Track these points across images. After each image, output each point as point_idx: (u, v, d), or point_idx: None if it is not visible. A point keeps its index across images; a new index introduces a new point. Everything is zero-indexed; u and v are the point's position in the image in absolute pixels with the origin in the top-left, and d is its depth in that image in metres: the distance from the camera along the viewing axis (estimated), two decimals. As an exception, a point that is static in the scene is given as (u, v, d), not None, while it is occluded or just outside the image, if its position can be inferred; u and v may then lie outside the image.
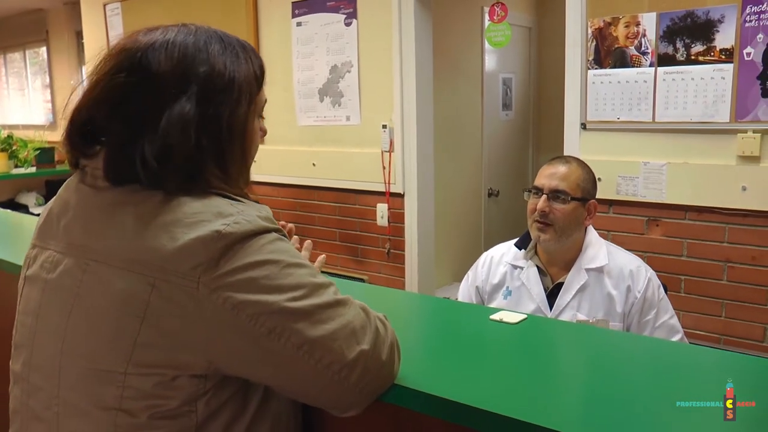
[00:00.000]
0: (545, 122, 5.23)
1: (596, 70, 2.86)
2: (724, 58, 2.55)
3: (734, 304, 2.66)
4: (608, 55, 2.82)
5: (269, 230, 0.90)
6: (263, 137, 1.05)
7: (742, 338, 2.65)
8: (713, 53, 2.57)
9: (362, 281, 3.64)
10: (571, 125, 2.96)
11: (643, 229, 2.82)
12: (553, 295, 1.93)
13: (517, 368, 1.10)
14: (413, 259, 3.69)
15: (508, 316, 1.27)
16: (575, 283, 1.90)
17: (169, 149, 0.87)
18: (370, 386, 0.93)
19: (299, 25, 3.93)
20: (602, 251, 1.93)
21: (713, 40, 2.56)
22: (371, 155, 3.72)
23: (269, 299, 0.84)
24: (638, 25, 2.72)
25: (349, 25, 3.71)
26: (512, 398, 0.96)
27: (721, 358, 1.21)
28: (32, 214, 4.51)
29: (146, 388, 0.86)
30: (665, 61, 2.68)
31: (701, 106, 2.61)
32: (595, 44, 2.84)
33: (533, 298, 1.94)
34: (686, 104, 2.65)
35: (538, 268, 1.97)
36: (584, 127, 2.91)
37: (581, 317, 1.87)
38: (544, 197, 1.87)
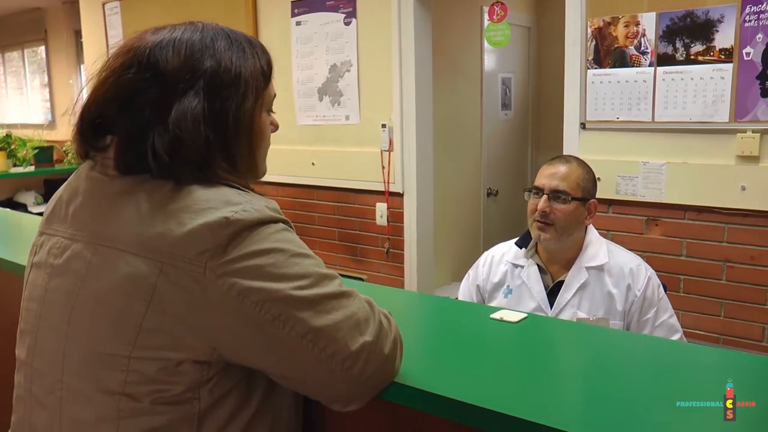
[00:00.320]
0: (544, 122, 5.23)
1: (596, 69, 2.86)
2: (723, 57, 2.55)
3: (733, 303, 2.66)
4: (608, 54, 2.82)
5: (277, 220, 0.91)
6: (274, 131, 1.07)
7: (741, 338, 2.66)
8: (713, 53, 2.57)
9: (361, 280, 3.63)
10: (570, 125, 2.96)
11: (642, 228, 2.82)
12: (553, 293, 1.93)
13: (517, 367, 1.10)
14: (412, 258, 3.69)
15: (508, 315, 1.27)
16: (575, 281, 1.90)
17: (179, 142, 0.89)
18: (372, 379, 0.93)
19: (299, 24, 3.93)
20: (602, 250, 1.93)
21: (713, 39, 2.56)
22: (370, 155, 3.72)
23: (275, 287, 0.85)
24: (638, 24, 2.72)
25: (348, 24, 3.71)
26: (512, 397, 0.96)
27: (721, 356, 1.21)
28: (31, 213, 4.50)
29: (150, 372, 0.86)
30: (665, 60, 2.68)
31: (700, 105, 2.62)
32: (594, 44, 2.84)
33: (534, 296, 1.94)
34: (686, 104, 2.65)
35: (538, 266, 1.97)
36: (584, 126, 2.91)
37: (581, 315, 1.87)
38: (544, 197, 1.88)
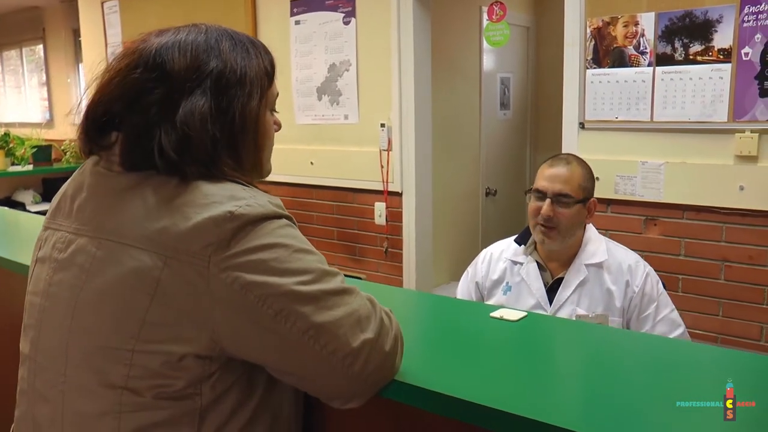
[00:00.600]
0: (543, 122, 5.23)
1: (595, 69, 2.86)
2: (722, 58, 2.55)
3: (731, 303, 2.66)
4: (607, 54, 2.82)
5: (281, 215, 0.92)
6: (278, 130, 1.08)
7: (739, 337, 2.66)
8: (711, 53, 2.57)
9: (360, 280, 3.63)
10: (569, 124, 2.96)
11: (641, 228, 2.82)
12: (552, 290, 1.93)
13: (517, 366, 1.10)
14: (411, 257, 3.69)
15: (508, 313, 1.27)
16: (575, 278, 1.90)
17: (187, 140, 0.90)
18: (373, 376, 0.93)
19: (298, 23, 3.93)
20: (602, 247, 1.94)
21: (711, 40, 2.57)
22: (369, 154, 3.72)
23: (278, 281, 0.86)
24: (637, 24, 2.72)
25: (347, 23, 3.70)
26: (513, 395, 0.96)
27: (721, 356, 1.20)
28: (29, 211, 4.50)
29: (153, 366, 0.87)
30: (663, 60, 2.68)
31: (699, 105, 2.62)
32: (593, 44, 2.84)
33: (533, 293, 1.94)
34: (684, 104, 2.65)
35: (537, 263, 1.97)
36: (582, 126, 2.92)
37: (581, 312, 1.87)
38: (548, 202, 1.86)
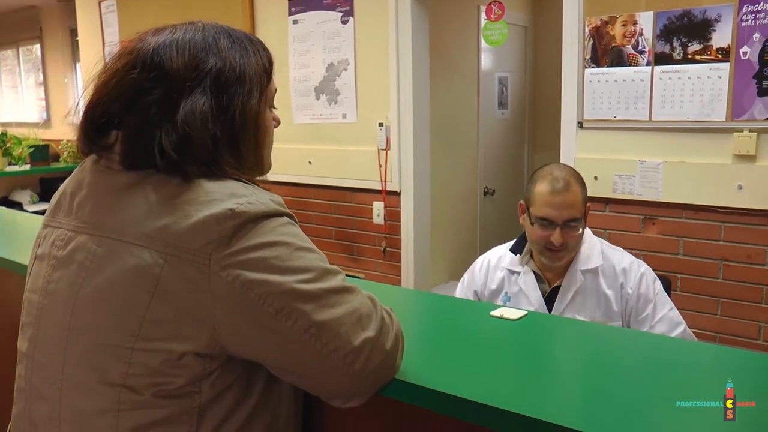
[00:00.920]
0: (541, 121, 5.23)
1: (593, 68, 2.86)
2: (720, 57, 2.55)
3: (730, 302, 2.67)
4: (605, 53, 2.82)
5: (282, 213, 0.92)
6: (276, 127, 1.08)
7: (737, 336, 2.66)
8: (710, 52, 2.57)
9: (358, 279, 3.63)
10: (567, 124, 2.96)
11: (639, 227, 2.82)
12: (550, 298, 1.92)
13: (518, 364, 1.10)
14: (409, 257, 3.69)
15: (508, 312, 1.27)
16: (572, 286, 1.89)
17: (188, 140, 0.90)
18: (374, 375, 0.93)
19: (296, 22, 3.92)
20: (596, 251, 1.92)
21: (710, 39, 2.57)
22: (367, 153, 3.71)
23: (279, 279, 0.86)
24: (635, 24, 2.72)
25: (345, 23, 3.70)
26: (513, 394, 0.96)
27: (721, 354, 1.21)
28: (26, 211, 4.49)
29: (152, 364, 0.87)
30: (662, 60, 2.68)
31: (698, 105, 2.62)
32: (592, 43, 2.84)
33: (531, 303, 1.93)
34: (683, 103, 2.65)
35: (534, 273, 1.96)
36: (581, 125, 2.92)
37: (580, 320, 1.85)
38: (558, 230, 1.81)
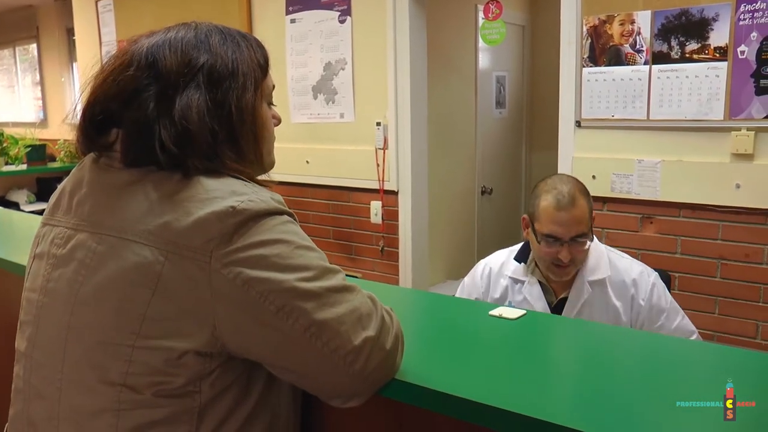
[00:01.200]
0: (538, 120, 5.23)
1: (591, 67, 2.86)
2: (718, 56, 2.55)
3: (727, 301, 2.67)
4: (603, 52, 2.82)
5: (282, 212, 0.92)
6: (277, 124, 1.09)
7: (735, 335, 2.67)
8: (707, 51, 2.57)
9: (356, 279, 3.63)
10: (565, 123, 2.96)
11: (637, 226, 2.82)
12: (557, 309, 1.88)
13: (517, 364, 1.10)
14: (407, 256, 3.68)
15: (507, 311, 1.27)
16: (579, 297, 1.84)
17: (187, 134, 0.90)
18: (374, 374, 0.93)
19: (293, 22, 3.91)
20: (603, 261, 1.87)
21: (707, 38, 2.57)
22: (365, 152, 3.71)
23: (280, 277, 0.86)
24: (633, 23, 2.72)
25: (343, 22, 3.69)
26: (512, 393, 0.95)
27: (720, 354, 1.20)
28: (23, 211, 4.48)
29: (153, 363, 0.86)
30: (660, 59, 2.68)
31: (695, 104, 2.62)
32: (590, 42, 2.84)
33: None
34: (680, 102, 2.65)
35: (540, 282, 1.91)
36: (579, 124, 2.92)
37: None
38: (566, 247, 1.76)
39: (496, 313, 1.27)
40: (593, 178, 2.86)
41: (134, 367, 0.87)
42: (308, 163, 3.97)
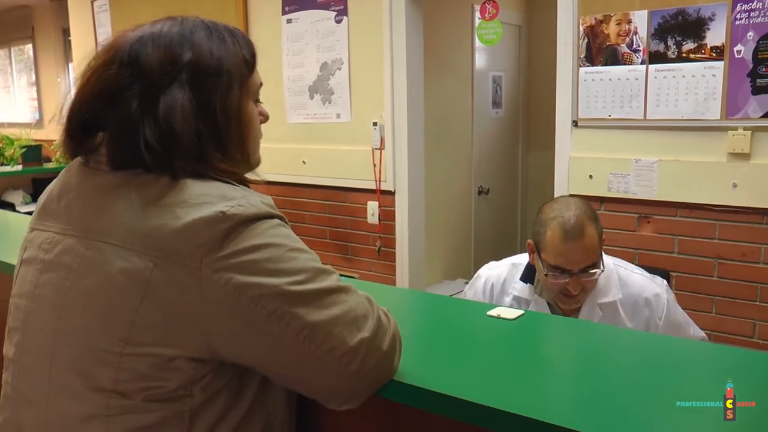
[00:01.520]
0: (535, 120, 5.23)
1: (588, 67, 2.86)
2: (714, 55, 2.56)
3: (725, 300, 2.67)
4: (600, 52, 2.82)
5: (271, 215, 0.91)
6: (264, 121, 1.06)
7: (732, 334, 2.67)
8: (704, 51, 2.57)
9: (353, 279, 3.62)
10: (562, 123, 2.96)
11: (634, 226, 2.82)
12: None
13: (516, 365, 1.09)
14: (404, 256, 3.68)
15: (505, 312, 1.27)
16: (588, 321, 1.75)
17: (172, 134, 0.89)
18: (370, 375, 0.92)
19: (289, 22, 3.91)
20: (613, 282, 1.79)
21: (704, 37, 2.57)
22: (362, 153, 3.70)
23: (271, 282, 0.85)
24: (630, 22, 2.72)
25: (339, 22, 3.69)
26: (511, 394, 0.95)
27: (720, 354, 1.20)
28: (19, 212, 4.46)
29: (142, 369, 0.85)
30: (656, 58, 2.68)
31: (692, 103, 2.62)
32: (586, 42, 2.84)
33: None
34: (677, 102, 2.65)
35: (548, 303, 1.82)
36: (576, 124, 2.92)
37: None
38: (575, 278, 1.68)
39: (494, 313, 1.27)
40: (590, 177, 2.86)
41: (123, 373, 0.86)
42: (305, 163, 3.96)
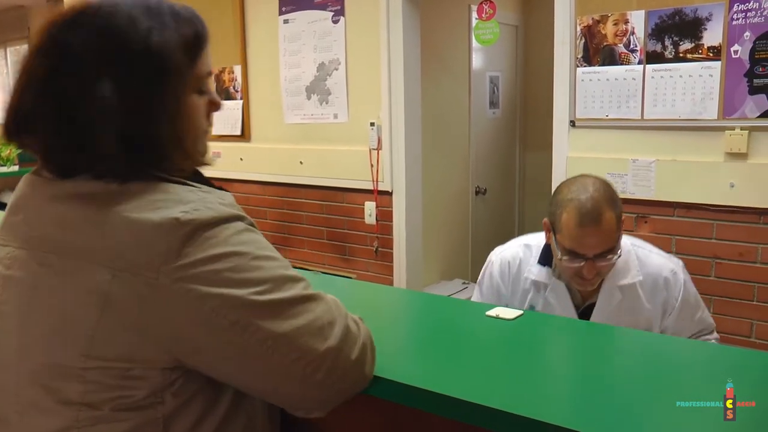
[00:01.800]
0: (532, 120, 5.24)
1: (585, 67, 2.86)
2: (711, 55, 2.56)
3: (722, 299, 2.67)
4: (597, 52, 2.82)
5: (232, 218, 0.86)
6: (215, 110, 0.99)
7: (730, 334, 2.67)
8: (701, 51, 2.58)
9: (351, 280, 3.62)
10: (560, 123, 2.96)
11: (632, 226, 2.83)
12: (584, 315, 1.76)
13: (515, 365, 1.09)
14: (401, 257, 3.68)
15: (504, 312, 1.27)
16: (608, 303, 1.73)
17: (92, 137, 0.83)
18: (338, 385, 0.90)
19: (286, 22, 3.90)
20: (632, 262, 1.75)
21: (701, 37, 2.57)
22: (359, 153, 3.70)
23: (233, 293, 0.82)
24: (627, 22, 2.72)
25: (336, 22, 3.69)
26: (510, 394, 0.95)
27: (720, 353, 1.20)
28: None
29: (108, 381, 0.83)
30: (654, 58, 2.69)
31: (689, 103, 2.63)
32: (583, 42, 2.84)
33: None
34: (674, 102, 2.66)
35: (566, 286, 1.77)
36: (573, 124, 2.92)
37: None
38: (590, 263, 1.62)
39: (492, 313, 1.26)
40: (588, 177, 2.86)
41: (90, 385, 0.83)
42: (302, 163, 3.96)
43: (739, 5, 2.48)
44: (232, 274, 0.82)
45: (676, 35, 2.62)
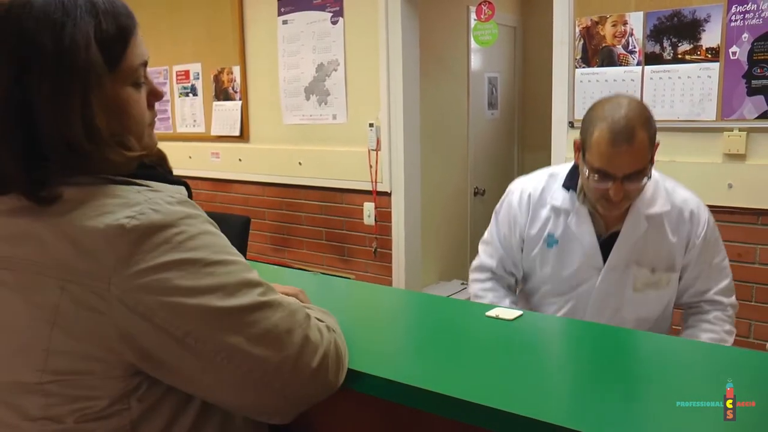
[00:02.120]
0: (530, 121, 5.25)
1: (584, 68, 2.86)
2: (710, 57, 2.56)
3: (720, 301, 2.67)
4: (596, 53, 2.82)
5: (182, 218, 0.82)
6: (157, 100, 0.95)
7: (728, 335, 2.67)
8: (699, 52, 2.58)
9: (349, 280, 3.62)
10: (558, 123, 2.96)
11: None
12: (606, 245, 1.69)
13: (514, 365, 1.09)
14: (400, 257, 3.68)
15: (504, 312, 1.27)
16: (633, 233, 1.67)
17: (32, 139, 0.79)
18: (298, 393, 0.88)
19: (285, 23, 3.90)
20: (661, 191, 1.70)
21: (699, 39, 2.58)
22: (358, 154, 3.70)
23: (186, 302, 0.79)
24: (625, 24, 2.73)
25: (335, 23, 3.69)
26: (510, 394, 0.95)
27: (720, 354, 1.20)
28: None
29: (69, 393, 0.81)
30: (652, 59, 2.69)
31: (688, 104, 2.63)
32: (582, 43, 2.85)
33: (584, 249, 1.69)
34: (673, 103, 2.66)
35: (589, 212, 1.70)
36: (572, 125, 2.92)
37: (642, 271, 1.69)
38: (618, 184, 1.56)
39: (492, 314, 1.27)
40: (586, 178, 2.86)
41: (51, 399, 0.81)
42: (300, 164, 3.96)
43: (737, 7, 2.48)
44: (183, 281, 0.79)
45: (674, 36, 2.63)
